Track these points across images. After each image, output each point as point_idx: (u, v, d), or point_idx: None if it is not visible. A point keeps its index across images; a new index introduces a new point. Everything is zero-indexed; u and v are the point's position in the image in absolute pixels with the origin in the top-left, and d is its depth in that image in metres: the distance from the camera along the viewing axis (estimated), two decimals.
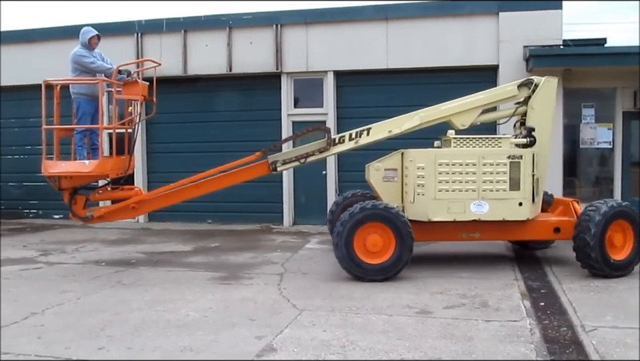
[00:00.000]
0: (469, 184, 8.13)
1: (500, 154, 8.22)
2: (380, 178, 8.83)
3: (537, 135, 8.67)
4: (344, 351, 5.30)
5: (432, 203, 8.17)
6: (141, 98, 9.04)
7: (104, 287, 7.88)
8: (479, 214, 8.16)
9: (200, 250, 10.59)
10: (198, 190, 9.42)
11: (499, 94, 9.07)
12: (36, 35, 14.69)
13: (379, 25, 12.90)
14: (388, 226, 7.91)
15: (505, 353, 5.22)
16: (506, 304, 6.78)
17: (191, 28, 13.84)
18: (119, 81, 8.92)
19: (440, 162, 8.16)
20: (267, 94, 13.64)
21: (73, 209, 9.18)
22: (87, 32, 9.17)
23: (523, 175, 8.12)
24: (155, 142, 14.38)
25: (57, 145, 8.95)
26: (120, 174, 9.30)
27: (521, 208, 8.15)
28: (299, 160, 9.05)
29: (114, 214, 9.42)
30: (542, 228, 8.65)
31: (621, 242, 8.06)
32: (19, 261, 9.74)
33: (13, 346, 5.55)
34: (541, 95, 8.85)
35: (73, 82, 9.01)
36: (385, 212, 7.95)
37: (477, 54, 12.43)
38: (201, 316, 6.45)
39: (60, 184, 9.00)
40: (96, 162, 8.81)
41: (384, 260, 7.90)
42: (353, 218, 7.95)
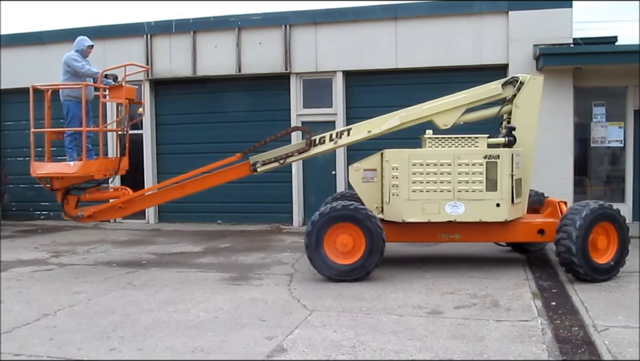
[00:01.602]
0: (443, 185, 8.00)
1: (476, 154, 8.05)
2: (359, 178, 8.70)
3: (522, 134, 8.51)
4: (354, 351, 5.29)
5: (406, 204, 8.08)
6: (126, 102, 9.24)
7: (115, 288, 7.92)
8: (455, 215, 8.02)
9: (210, 251, 10.61)
10: (182, 190, 9.62)
11: (482, 92, 8.79)
12: (46, 37, 14.78)
13: (387, 25, 12.88)
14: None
15: (516, 353, 5.19)
16: (517, 303, 6.75)
17: (200, 29, 13.87)
18: (105, 85, 9.15)
19: (414, 163, 8.06)
20: (276, 94, 13.66)
21: (65, 209, 9.45)
22: (84, 41, 9.48)
23: (500, 175, 7.94)
24: (165, 143, 14.42)
25: (48, 147, 9.25)
26: (108, 175, 9.55)
27: (499, 209, 7.97)
28: (278, 160, 9.07)
29: (102, 214, 9.63)
30: (525, 230, 8.45)
31: (605, 244, 7.81)
32: (31, 262, 9.80)
33: (26, 347, 5.58)
34: (526, 93, 8.63)
35: (58, 86, 9.28)
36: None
37: (487, 53, 12.38)
38: (211, 316, 6.46)
39: (52, 184, 9.29)
40: (80, 163, 9.03)
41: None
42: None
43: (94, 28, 14.61)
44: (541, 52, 11.60)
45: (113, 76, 9.25)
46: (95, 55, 13.90)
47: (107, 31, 14.53)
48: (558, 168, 11.96)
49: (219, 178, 9.44)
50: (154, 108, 14.47)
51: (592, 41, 13.15)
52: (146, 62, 14.07)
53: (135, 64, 9.77)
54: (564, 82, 11.99)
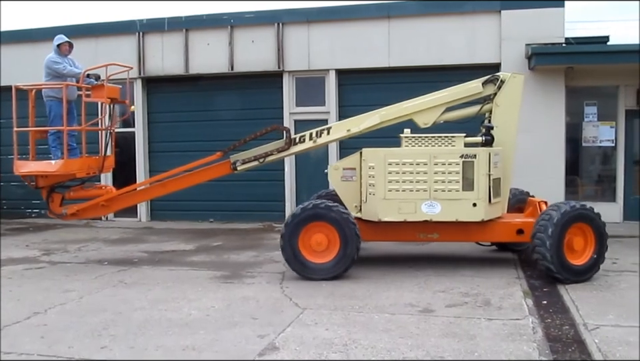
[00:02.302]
0: (419, 184, 7.98)
1: (452, 153, 8.01)
2: (339, 177, 8.68)
3: (502, 133, 8.47)
4: (346, 350, 5.30)
5: (382, 203, 8.08)
6: (108, 101, 9.31)
7: (106, 286, 7.89)
8: (431, 215, 8.00)
9: (202, 249, 10.59)
10: (164, 189, 9.75)
11: (462, 91, 8.72)
12: (37, 35, 14.69)
13: (380, 24, 12.89)
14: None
15: (507, 351, 5.21)
16: (508, 302, 6.77)
17: (193, 27, 13.84)
18: (88, 85, 9.21)
19: (389, 162, 8.05)
20: (268, 93, 13.65)
21: (50, 206, 9.55)
22: (57, 39, 9.53)
23: (477, 175, 7.92)
24: (157, 141, 14.39)
25: (33, 146, 9.41)
26: (92, 173, 9.63)
27: (475, 209, 7.94)
28: (258, 159, 9.05)
29: (86, 212, 9.67)
30: (504, 229, 8.40)
31: (581, 246, 7.71)
32: (22, 260, 9.76)
33: (16, 345, 5.56)
34: (507, 92, 8.54)
35: (40, 86, 9.42)
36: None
37: (479, 52, 12.41)
38: (203, 315, 6.45)
39: (37, 182, 9.41)
40: (61, 162, 9.12)
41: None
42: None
43: (86, 26, 14.59)
44: (533, 51, 11.65)
45: (95, 76, 9.34)
46: (86, 53, 13.95)
47: (98, 29, 14.48)
48: (549, 167, 12.01)
49: (199, 177, 9.48)
50: (146, 106, 14.43)
51: (584, 41, 13.22)
52: (138, 60, 14.04)
53: (116, 63, 9.81)
54: (556, 82, 12.05)
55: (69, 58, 9.56)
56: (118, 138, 14.54)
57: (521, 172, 11.94)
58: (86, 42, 14.31)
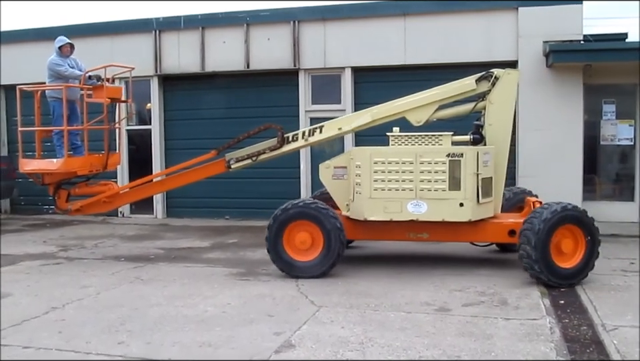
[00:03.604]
0: (405, 183, 7.89)
1: (438, 152, 7.87)
2: (330, 176, 8.68)
3: (496, 132, 8.32)
4: (362, 348, 5.29)
5: (368, 202, 8.02)
6: (108, 101, 9.52)
7: (123, 282, 7.95)
8: (417, 214, 7.90)
9: (218, 246, 10.63)
10: (162, 186, 10.25)
11: (455, 88, 8.59)
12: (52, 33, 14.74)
13: (396, 21, 12.84)
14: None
15: (524, 352, 5.18)
16: (525, 302, 6.73)
17: (209, 25, 13.87)
18: (89, 85, 9.45)
19: (375, 161, 7.98)
20: (284, 90, 13.65)
21: (57, 202, 9.87)
22: (58, 41, 9.77)
23: (464, 174, 7.77)
24: (173, 139, 14.44)
25: (39, 144, 9.84)
26: (95, 171, 9.86)
27: (462, 209, 7.77)
28: (251, 158, 9.14)
29: (89, 208, 9.92)
30: (495, 230, 8.20)
31: (571, 248, 7.45)
32: (39, 256, 9.85)
33: (35, 340, 5.62)
34: (501, 89, 8.35)
35: (43, 88, 9.72)
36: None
37: (496, 50, 12.32)
38: (219, 311, 6.48)
39: (43, 179, 9.76)
40: (62, 160, 9.41)
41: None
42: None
43: (102, 25, 14.69)
44: (551, 48, 11.54)
45: (97, 77, 9.53)
46: (103, 51, 14.06)
47: (115, 27, 14.56)
48: (567, 166, 11.90)
49: (196, 175, 9.64)
50: (162, 103, 14.50)
51: (602, 38, 13.06)
52: (154, 58, 14.11)
53: (116, 64, 10.06)
54: (574, 80, 11.93)
55: (71, 59, 9.83)
56: (134, 136, 14.76)
57: (537, 171, 11.92)
58: (103, 41, 14.46)
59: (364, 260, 9.17)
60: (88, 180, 10.04)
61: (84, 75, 9.41)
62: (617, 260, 8.77)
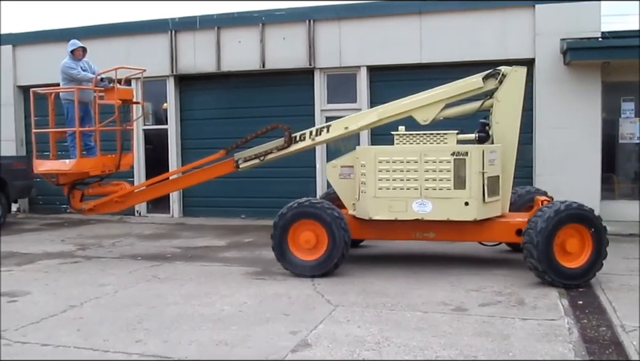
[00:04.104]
0: (410, 182, 7.83)
1: (443, 151, 7.79)
2: (337, 175, 8.69)
3: (503, 130, 8.23)
4: (379, 347, 5.28)
5: (372, 201, 7.98)
6: (119, 103, 9.67)
7: (140, 281, 8.00)
8: (422, 214, 7.84)
9: (234, 245, 10.66)
10: (174, 185, 10.46)
11: (462, 86, 8.52)
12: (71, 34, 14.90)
13: (412, 19, 12.80)
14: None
15: (542, 352, 5.14)
16: (543, 302, 6.68)
17: (224, 25, 13.91)
18: (100, 87, 9.68)
19: (380, 160, 7.95)
20: (299, 90, 13.66)
21: (71, 202, 10.04)
22: (71, 45, 9.98)
23: (469, 173, 7.70)
24: (189, 138, 14.52)
25: (53, 145, 10.07)
26: (108, 171, 10.05)
27: (468, 208, 7.67)
28: (259, 157, 9.19)
29: (102, 207, 10.08)
30: (502, 229, 8.09)
31: (576, 248, 7.31)
32: (58, 255, 9.94)
33: (53, 337, 5.66)
34: (508, 87, 8.22)
35: (56, 90, 10.03)
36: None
37: (512, 47, 12.23)
38: (235, 310, 6.49)
39: (58, 179, 9.98)
40: (74, 161, 9.61)
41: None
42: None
43: (120, 25, 14.81)
44: (568, 46, 11.44)
45: (108, 79, 9.71)
46: (120, 51, 14.17)
47: (131, 28, 14.66)
48: (585, 165, 11.80)
49: (205, 175, 9.74)
50: (179, 103, 14.58)
51: (620, 35, 12.91)
52: (170, 58, 14.20)
53: (125, 67, 10.23)
54: (592, 77, 11.82)
55: (84, 62, 10.06)
56: (151, 136, 14.85)
57: (555, 170, 11.83)
58: (120, 41, 14.58)
59: (379, 260, 9.15)
60: (101, 180, 10.20)
61: (95, 78, 9.61)
62: (635, 261, 8.69)
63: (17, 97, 15.69)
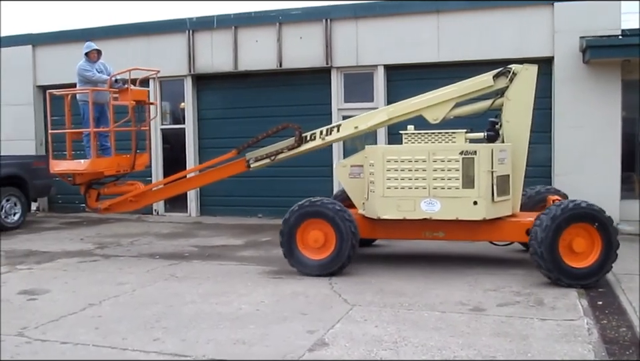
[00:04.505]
0: (418, 182, 7.79)
1: (451, 150, 7.75)
2: (346, 175, 8.70)
3: (514, 128, 8.16)
4: (396, 347, 5.27)
5: (381, 201, 7.96)
6: (133, 104, 9.80)
7: (158, 279, 8.04)
8: (430, 213, 7.78)
9: (251, 244, 10.68)
10: (187, 185, 10.53)
11: (472, 85, 8.46)
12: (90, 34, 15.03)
13: (429, 18, 12.74)
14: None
15: (561, 353, 5.09)
16: (562, 302, 6.62)
17: (241, 24, 13.95)
18: (115, 89, 9.86)
19: (388, 159, 7.92)
20: (317, 89, 13.66)
21: (87, 201, 10.18)
22: (86, 48, 10.19)
23: (477, 172, 7.64)
24: (207, 138, 14.57)
25: (69, 146, 10.25)
26: (123, 171, 10.17)
27: (476, 207, 7.60)
28: (270, 157, 9.23)
29: (117, 206, 10.21)
30: (512, 229, 8.01)
31: (584, 247, 7.22)
32: (77, 253, 10.03)
33: (72, 335, 5.71)
34: (518, 85, 8.17)
35: (70, 92, 10.25)
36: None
37: (531, 46, 12.12)
38: (253, 309, 6.51)
39: (74, 179, 10.12)
40: (89, 161, 9.75)
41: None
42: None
43: (138, 25, 14.90)
44: (588, 44, 11.31)
45: (123, 80, 9.88)
46: (139, 51, 14.27)
47: (149, 28, 14.74)
48: (604, 164, 11.67)
49: (217, 175, 9.84)
50: (196, 103, 14.64)
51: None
52: (188, 57, 14.27)
53: (139, 68, 10.39)
54: (612, 75, 11.68)
55: (99, 63, 10.24)
56: (168, 135, 14.94)
57: (574, 169, 11.72)
58: (139, 41, 14.69)
59: (395, 259, 9.12)
60: (117, 180, 10.33)
61: (110, 79, 9.77)
62: None
63: (36, 97, 15.83)
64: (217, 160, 9.74)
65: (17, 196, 13.13)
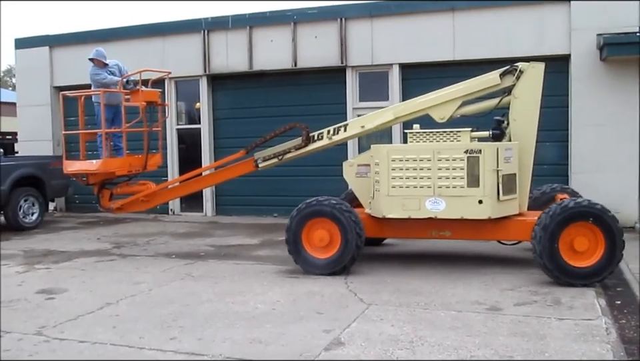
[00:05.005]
0: (423, 180, 7.78)
1: (456, 148, 7.73)
2: (353, 174, 8.74)
3: (521, 127, 8.09)
4: (412, 346, 5.25)
5: (386, 200, 7.96)
6: (144, 105, 9.88)
7: (174, 279, 8.08)
8: (435, 212, 7.76)
9: (267, 244, 10.70)
10: (197, 185, 10.51)
11: (479, 83, 8.42)
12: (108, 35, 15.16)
13: (445, 16, 12.69)
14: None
15: (579, 353, 5.05)
16: (580, 301, 6.56)
17: (256, 24, 13.98)
18: (126, 90, 10.04)
19: (393, 158, 7.92)
20: (331, 88, 13.65)
21: (100, 201, 10.35)
22: (92, 54, 10.53)
23: (482, 171, 7.59)
24: (222, 137, 14.62)
25: (82, 146, 10.42)
26: (134, 171, 10.31)
27: (481, 206, 7.56)
28: (277, 157, 9.30)
29: (129, 206, 10.35)
30: (519, 228, 7.91)
31: (586, 246, 7.13)
32: (94, 253, 10.11)
33: (89, 334, 5.76)
34: (525, 83, 8.11)
35: (84, 93, 10.46)
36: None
37: (548, 43, 12.03)
38: (269, 308, 6.52)
39: (88, 179, 10.30)
40: (101, 161, 10.00)
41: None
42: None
43: (154, 26, 14.99)
44: (605, 41, 11.20)
45: (134, 82, 10.07)
46: (155, 52, 14.37)
47: (165, 28, 14.83)
48: (622, 162, 11.55)
49: (226, 174, 10.01)
50: (211, 102, 14.70)
51: None
52: (203, 57, 14.33)
53: (149, 69, 10.50)
54: (630, 73, 11.55)
55: (113, 65, 10.56)
56: (184, 135, 15.01)
57: (592, 168, 11.61)
58: (154, 41, 14.80)
59: (411, 258, 9.09)
60: (129, 180, 10.46)
61: (121, 81, 9.95)
62: None
63: (53, 98, 15.97)
64: (225, 160, 9.85)
65: (35, 196, 13.28)
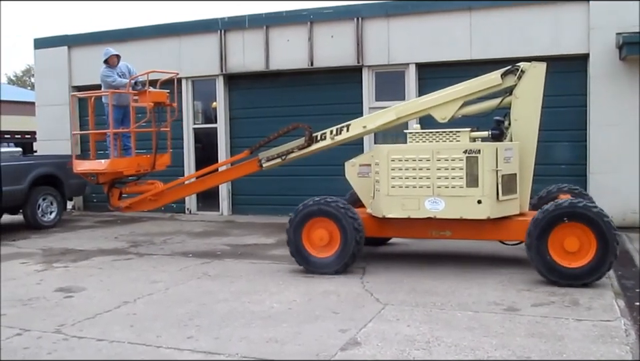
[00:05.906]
0: (422, 180, 7.81)
1: (455, 148, 7.75)
2: (355, 173, 8.78)
3: (522, 127, 8.07)
4: (429, 347, 5.24)
5: (385, 199, 7.99)
6: (151, 106, 10.02)
7: (191, 278, 8.12)
8: (435, 212, 7.77)
9: (282, 243, 10.63)
10: (203, 184, 10.58)
11: (480, 83, 8.39)
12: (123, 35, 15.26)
13: (461, 16, 12.62)
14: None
15: (597, 354, 5.01)
16: (598, 303, 6.50)
17: (273, 24, 14.00)
18: (134, 91, 10.20)
19: (392, 158, 7.95)
20: (348, 87, 13.64)
21: (110, 200, 10.48)
22: (104, 54, 10.70)
23: (481, 171, 7.57)
24: (238, 137, 14.65)
25: (93, 146, 10.70)
26: (142, 171, 10.45)
27: (480, 206, 7.57)
28: (281, 157, 9.39)
29: (137, 205, 10.52)
30: (519, 228, 7.80)
31: (577, 247, 7.09)
32: (111, 252, 10.18)
33: (107, 333, 5.81)
34: (526, 83, 8.11)
35: (93, 94, 10.71)
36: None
37: (566, 42, 11.93)
38: (285, 308, 6.53)
39: (98, 178, 10.45)
40: (109, 161, 10.12)
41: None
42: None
43: (170, 26, 15.07)
44: (624, 40, 11.07)
45: (142, 83, 10.22)
46: (171, 52, 14.43)
47: (182, 28, 14.90)
48: None
49: (232, 174, 10.37)
50: (228, 102, 14.75)
51: None
52: (220, 57, 14.37)
53: (157, 70, 10.58)
54: None
55: (122, 66, 10.73)
56: (200, 134, 15.08)
57: (610, 168, 11.50)
58: (170, 41, 14.87)
59: (426, 258, 9.06)
60: (138, 179, 10.61)
61: (129, 82, 10.12)
62: None
63: (72, 97, 16.11)
64: (230, 159, 10.03)
65: (53, 195, 13.41)
